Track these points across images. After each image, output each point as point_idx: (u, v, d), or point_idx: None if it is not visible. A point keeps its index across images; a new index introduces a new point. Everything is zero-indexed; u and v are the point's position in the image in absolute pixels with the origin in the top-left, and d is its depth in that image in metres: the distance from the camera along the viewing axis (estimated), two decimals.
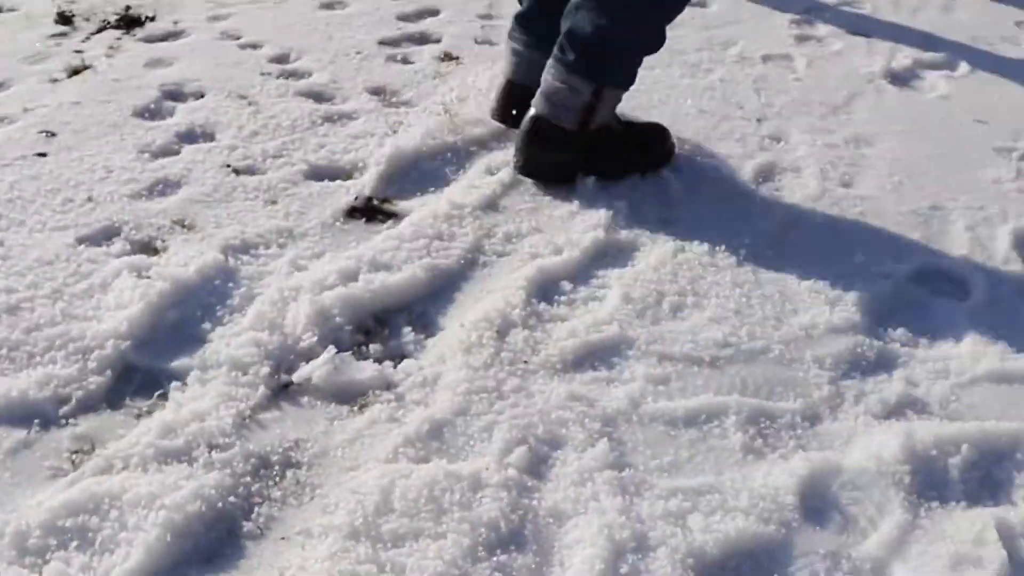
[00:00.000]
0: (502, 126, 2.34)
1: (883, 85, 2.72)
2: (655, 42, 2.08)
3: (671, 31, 2.11)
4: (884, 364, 1.64)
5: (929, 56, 2.89)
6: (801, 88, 2.66)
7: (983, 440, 1.46)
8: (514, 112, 2.23)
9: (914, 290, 1.85)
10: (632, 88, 2.15)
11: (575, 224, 1.99)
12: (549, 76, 2.05)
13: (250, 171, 2.16)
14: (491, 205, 2.05)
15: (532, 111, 2.08)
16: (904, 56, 2.89)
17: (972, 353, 1.67)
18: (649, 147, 2.19)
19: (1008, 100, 2.67)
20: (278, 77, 2.60)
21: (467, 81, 2.59)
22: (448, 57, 2.77)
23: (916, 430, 1.46)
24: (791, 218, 2.05)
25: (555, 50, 2.04)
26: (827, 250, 1.95)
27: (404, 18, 3.06)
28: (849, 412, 1.53)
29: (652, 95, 2.54)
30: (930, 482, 1.39)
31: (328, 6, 3.14)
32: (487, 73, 2.62)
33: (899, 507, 1.35)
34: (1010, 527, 1.30)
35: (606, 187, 2.11)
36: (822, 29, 3.09)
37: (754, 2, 3.22)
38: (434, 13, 3.10)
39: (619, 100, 2.12)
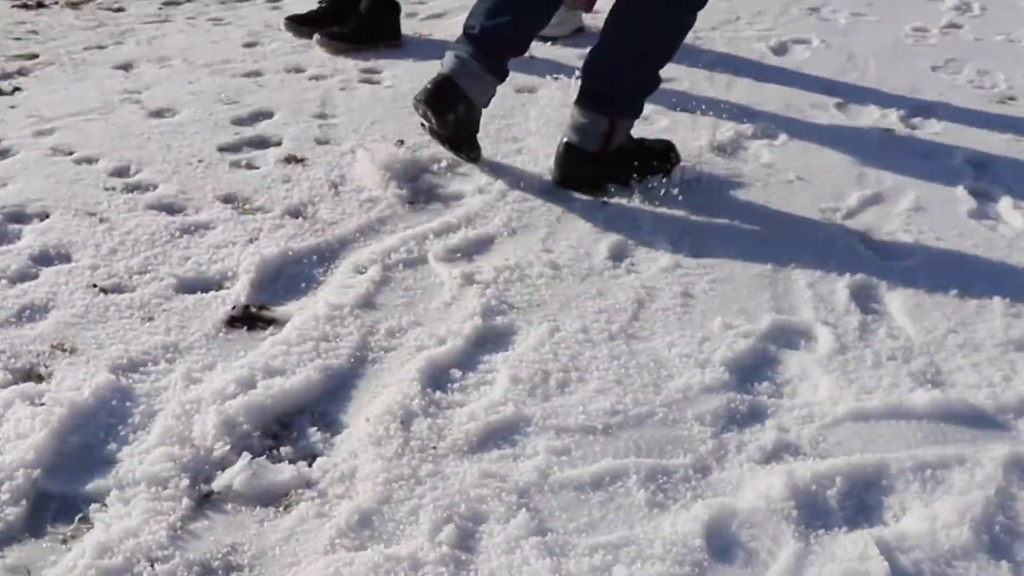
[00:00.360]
0: (362, 223, 2.58)
1: (711, 157, 3.11)
2: (655, 84, 2.89)
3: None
4: (756, 415, 1.94)
5: (749, 127, 3.31)
6: None
7: (852, 472, 1.76)
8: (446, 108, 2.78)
9: (771, 346, 2.17)
10: (483, 181, 2.44)
11: (451, 314, 2.23)
12: (575, 112, 2.84)
13: (118, 289, 2.29)
14: (367, 303, 2.26)
15: (564, 139, 2.86)
16: (726, 129, 3.30)
17: (830, 397, 1.99)
18: (659, 157, 2.91)
19: (825, 163, 3.09)
20: (123, 191, 2.74)
21: (317, 182, 2.81)
22: (293, 160, 2.98)
23: (795, 470, 1.76)
24: (651, 291, 2.35)
25: (578, 94, 2.84)
26: (689, 317, 2.25)
27: (239, 122, 3.26)
28: (734, 461, 1.81)
29: (497, 184, 2.83)
30: (814, 513, 1.68)
31: (158, 114, 3.30)
32: (336, 172, 2.86)
33: (792, 538, 1.62)
34: (887, 542, 1.60)
35: (473, 276, 2.36)
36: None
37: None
38: (268, 115, 3.32)
39: (631, 127, 2.88)
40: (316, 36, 3.92)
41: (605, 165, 2.83)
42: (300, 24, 4.02)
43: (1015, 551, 1.63)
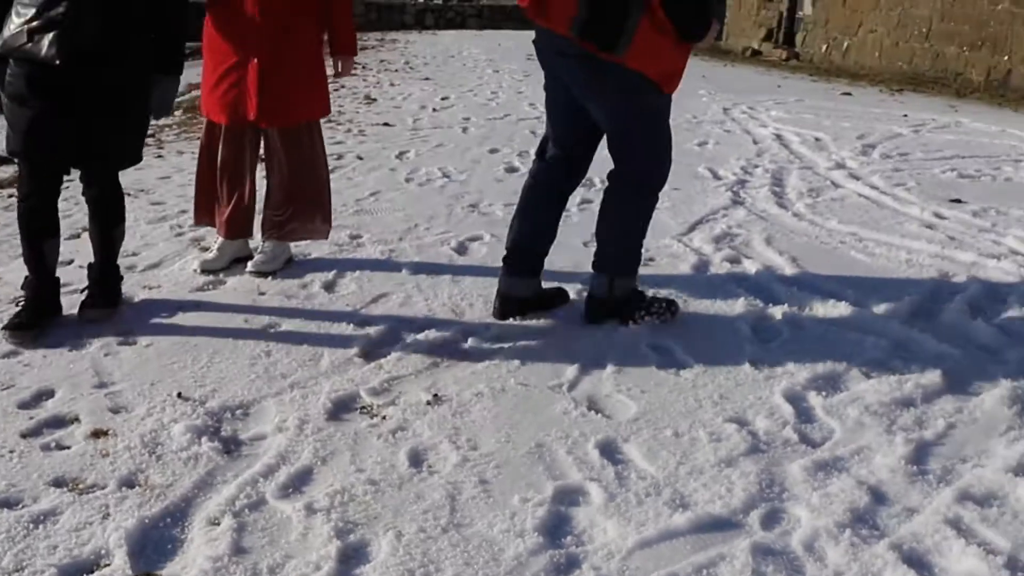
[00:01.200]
0: (195, 480, 3.01)
1: (456, 352, 3.80)
2: (638, 250, 4.16)
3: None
4: (573, 563, 2.60)
5: (461, 327, 4.04)
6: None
7: None
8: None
9: (561, 507, 2.85)
10: (277, 419, 2.99)
11: (311, 543, 2.71)
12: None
13: None
14: (239, 550, 2.69)
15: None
16: (453, 330, 4.00)
17: (619, 535, 2.69)
18: (654, 309, 4.09)
19: (537, 346, 3.87)
20: None
21: (134, 451, 3.19)
22: (100, 433, 3.32)
23: None
24: (455, 485, 2.96)
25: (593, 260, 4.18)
26: (492, 499, 2.89)
27: (25, 406, 3.50)
28: None
29: (290, 419, 3.35)
30: None
31: None
32: (147, 438, 3.26)
33: None
34: None
35: (313, 506, 2.87)
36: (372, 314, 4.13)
37: (314, 318, 4.18)
38: (50, 394, 3.59)
39: (631, 283, 4.13)
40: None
41: (611, 308, 4.08)
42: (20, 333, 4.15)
43: None
